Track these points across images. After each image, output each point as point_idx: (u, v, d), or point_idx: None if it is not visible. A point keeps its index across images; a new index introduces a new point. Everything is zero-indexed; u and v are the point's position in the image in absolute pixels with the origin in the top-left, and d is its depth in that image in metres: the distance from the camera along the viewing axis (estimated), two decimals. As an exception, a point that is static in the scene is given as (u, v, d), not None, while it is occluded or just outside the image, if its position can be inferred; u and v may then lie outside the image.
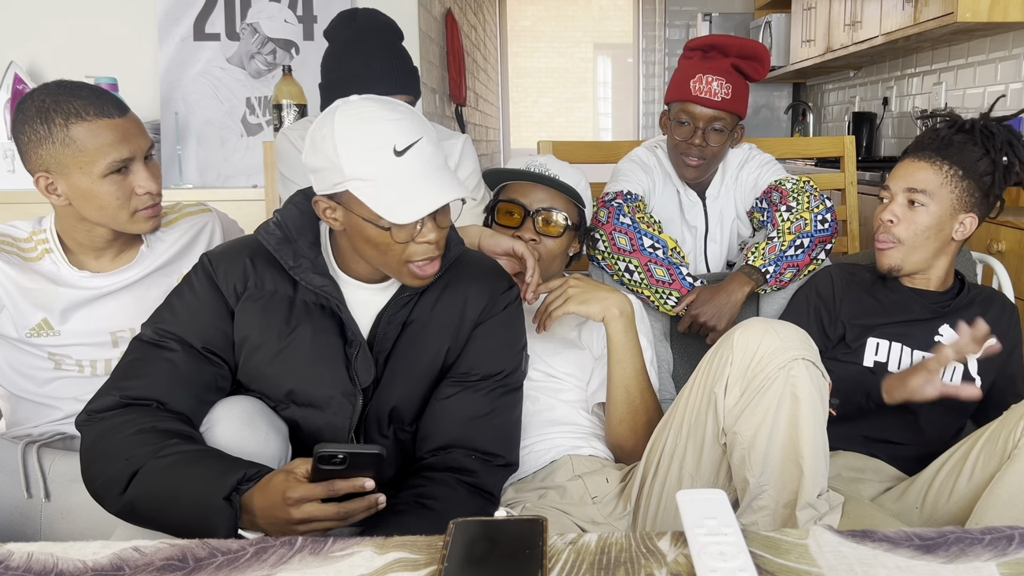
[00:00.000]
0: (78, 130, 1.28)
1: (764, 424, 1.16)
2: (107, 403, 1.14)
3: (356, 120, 1.11)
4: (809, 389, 1.15)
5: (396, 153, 1.10)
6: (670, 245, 1.76)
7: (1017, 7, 2.94)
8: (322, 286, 1.20)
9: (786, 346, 1.17)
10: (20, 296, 1.39)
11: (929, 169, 1.53)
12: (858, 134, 4.42)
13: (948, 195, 1.53)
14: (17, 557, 0.81)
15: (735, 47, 1.82)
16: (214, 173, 2.66)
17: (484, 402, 1.27)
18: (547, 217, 1.53)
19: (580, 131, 8.92)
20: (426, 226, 1.14)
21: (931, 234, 1.54)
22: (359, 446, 0.99)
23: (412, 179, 1.11)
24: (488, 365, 1.28)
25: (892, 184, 1.58)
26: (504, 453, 1.28)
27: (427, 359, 1.27)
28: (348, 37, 1.79)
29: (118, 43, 2.70)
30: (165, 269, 1.49)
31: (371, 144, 1.10)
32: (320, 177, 1.15)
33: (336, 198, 1.15)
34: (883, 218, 1.57)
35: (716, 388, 1.21)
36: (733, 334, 1.21)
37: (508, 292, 1.33)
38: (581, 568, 0.77)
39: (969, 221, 1.55)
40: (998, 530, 0.82)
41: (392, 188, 1.10)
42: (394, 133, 1.11)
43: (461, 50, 4.07)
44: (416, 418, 1.28)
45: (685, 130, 1.83)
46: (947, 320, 1.58)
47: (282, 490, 0.97)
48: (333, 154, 1.11)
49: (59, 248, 1.42)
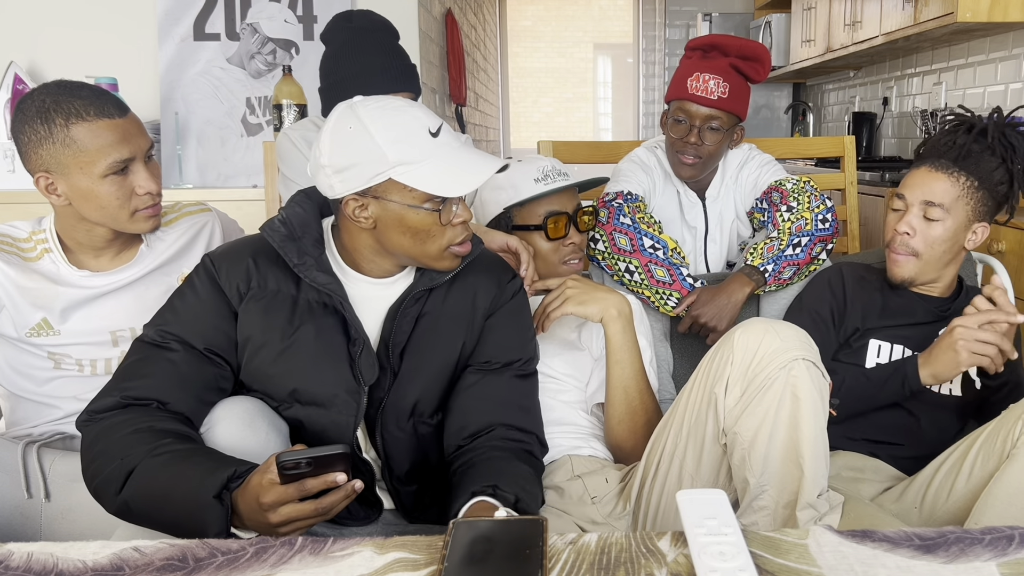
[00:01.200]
0: (79, 130, 1.28)
1: (764, 424, 1.16)
2: (108, 404, 1.14)
3: (384, 111, 1.15)
4: (810, 389, 1.15)
5: (432, 134, 1.16)
6: (670, 246, 1.76)
7: (1017, 7, 2.94)
8: (326, 283, 1.21)
9: (787, 346, 1.17)
10: (19, 296, 1.39)
11: (946, 180, 1.51)
12: (858, 134, 4.42)
13: (964, 207, 1.51)
14: (17, 557, 0.81)
15: (735, 47, 1.82)
16: (214, 173, 2.66)
17: (509, 387, 1.30)
18: (584, 214, 1.60)
19: (580, 131, 8.92)
20: (460, 207, 1.19)
21: (947, 247, 1.54)
22: (321, 448, 0.97)
23: (455, 155, 1.17)
24: (507, 354, 1.31)
25: (908, 194, 1.55)
26: (537, 431, 1.31)
27: (443, 352, 1.28)
28: (345, 38, 1.79)
29: (118, 43, 2.71)
30: (165, 268, 1.49)
31: (409, 128, 1.14)
32: (352, 174, 1.15)
33: (371, 192, 1.16)
34: (899, 229, 1.55)
35: (716, 388, 1.21)
36: (734, 334, 1.21)
37: (513, 281, 1.36)
38: (581, 568, 0.77)
39: (981, 230, 1.55)
40: (998, 530, 0.82)
41: (441, 165, 1.15)
42: (423, 117, 1.17)
43: (461, 50, 4.08)
44: (436, 410, 1.29)
45: (681, 128, 1.83)
46: (947, 323, 1.58)
47: (256, 495, 0.97)
48: (372, 144, 1.12)
49: (58, 248, 1.42)
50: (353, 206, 1.17)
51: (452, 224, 1.19)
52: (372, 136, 1.12)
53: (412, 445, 1.28)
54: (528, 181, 1.55)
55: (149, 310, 1.31)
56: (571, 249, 1.57)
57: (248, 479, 1.00)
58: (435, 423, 1.29)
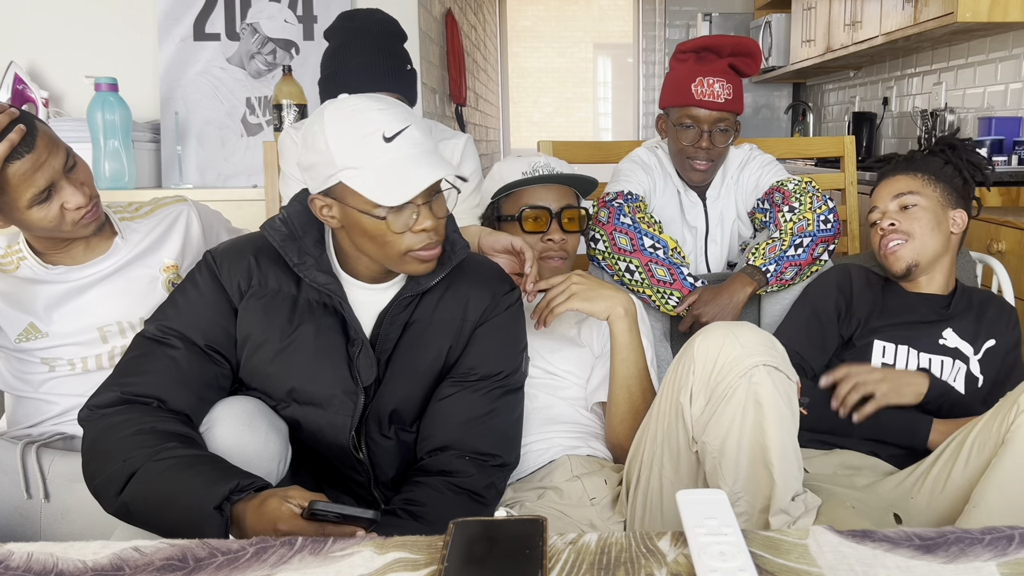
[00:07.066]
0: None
1: (731, 433, 1.15)
2: (109, 399, 1.14)
3: (344, 113, 1.13)
4: (773, 395, 1.14)
5: (385, 139, 1.12)
6: (671, 245, 1.76)
7: (1017, 7, 2.94)
8: (326, 284, 1.21)
9: (746, 352, 1.16)
10: (4, 304, 1.41)
11: (907, 177, 1.66)
12: (858, 134, 4.42)
13: (932, 193, 1.63)
14: (17, 557, 0.81)
15: (728, 47, 1.84)
16: (214, 173, 2.66)
17: (483, 403, 1.27)
18: (571, 215, 1.55)
19: (580, 131, 8.92)
20: (421, 214, 1.15)
21: (933, 225, 1.61)
22: (355, 509, 0.99)
23: (402, 162, 1.12)
24: (488, 365, 1.29)
25: (879, 202, 1.67)
26: (501, 453, 1.28)
27: (428, 359, 1.27)
28: (341, 36, 1.81)
29: (118, 43, 2.70)
30: (143, 259, 1.50)
31: (360, 132, 1.12)
32: (313, 174, 1.15)
33: (331, 193, 1.16)
34: (884, 226, 1.63)
35: (681, 398, 1.21)
36: (694, 342, 1.21)
37: (510, 294, 1.34)
38: (581, 568, 0.77)
39: (959, 216, 1.65)
40: (998, 530, 0.82)
41: (383, 172, 1.11)
42: (382, 120, 1.13)
43: (461, 50, 4.07)
44: (417, 418, 1.28)
45: (691, 134, 1.83)
46: (950, 324, 1.60)
47: (274, 520, 0.97)
48: (324, 147, 1.12)
49: (32, 254, 1.43)
50: (319, 204, 1.18)
51: (412, 231, 1.15)
52: (326, 138, 1.12)
53: (396, 451, 1.27)
54: (516, 173, 1.55)
55: (134, 302, 1.31)
56: (550, 246, 1.54)
57: (265, 499, 1.00)
58: (416, 431, 1.29)
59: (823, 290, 1.68)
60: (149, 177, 2.60)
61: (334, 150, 1.11)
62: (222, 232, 1.66)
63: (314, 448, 1.26)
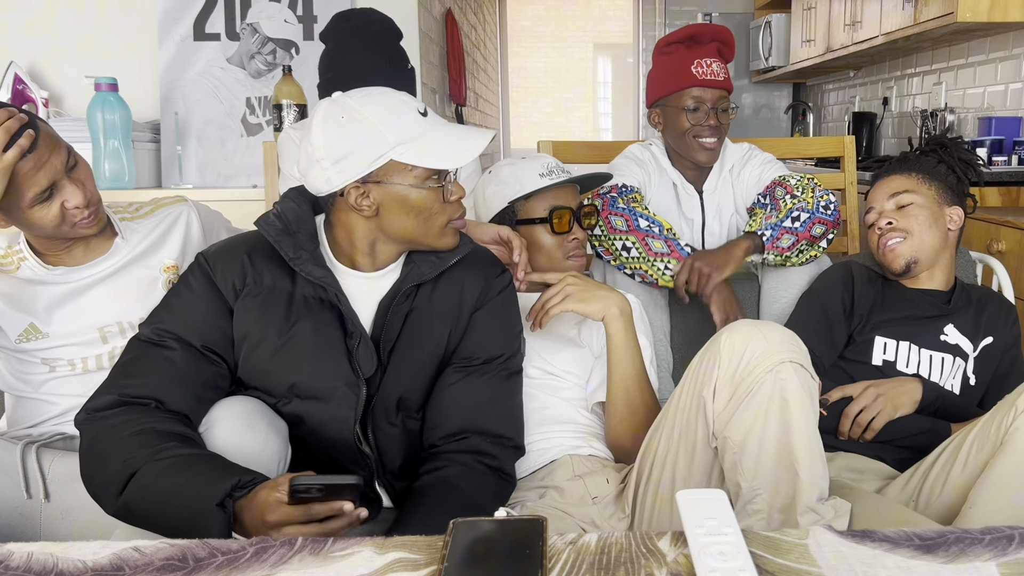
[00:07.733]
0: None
1: (754, 428, 1.15)
2: (106, 402, 1.14)
3: (371, 97, 1.18)
4: (799, 392, 1.14)
5: (421, 114, 1.19)
6: (665, 226, 1.77)
7: (1017, 7, 2.94)
8: (322, 277, 1.21)
9: (774, 349, 1.16)
10: (4, 304, 1.41)
11: (901, 177, 1.67)
12: (858, 134, 4.42)
13: (927, 191, 1.65)
14: (17, 557, 0.81)
15: (709, 33, 1.91)
16: (214, 173, 2.66)
17: (489, 387, 1.30)
18: (588, 210, 1.62)
19: (580, 131, 8.92)
20: (456, 183, 1.23)
21: (930, 222, 1.62)
22: (334, 477, 0.99)
23: (448, 129, 1.21)
24: (489, 349, 1.31)
25: (875, 203, 1.68)
26: (513, 436, 1.31)
27: (430, 347, 1.28)
28: (338, 38, 1.81)
29: (118, 43, 2.70)
30: (143, 260, 1.50)
31: (400, 111, 1.17)
32: (351, 162, 1.15)
33: (372, 177, 1.17)
34: (881, 225, 1.64)
35: (704, 392, 1.21)
36: (720, 337, 1.21)
37: (502, 276, 1.36)
38: (581, 568, 0.77)
39: (956, 213, 1.66)
40: (998, 530, 0.82)
41: (438, 139, 1.18)
42: (410, 100, 1.20)
43: (461, 50, 4.07)
44: (423, 406, 1.30)
45: (698, 114, 1.86)
46: (951, 320, 1.60)
47: (262, 511, 0.98)
48: (368, 128, 1.15)
49: (32, 255, 1.43)
50: (355, 195, 1.18)
51: (450, 200, 1.22)
52: (368, 120, 1.14)
53: (403, 440, 1.28)
54: (533, 176, 1.56)
55: (132, 303, 1.30)
56: (575, 244, 1.58)
57: (255, 492, 1.00)
58: (423, 418, 1.30)
59: (829, 287, 1.68)
60: (149, 177, 2.61)
61: (384, 128, 1.15)
62: (222, 232, 1.66)
63: (316, 445, 1.26)
